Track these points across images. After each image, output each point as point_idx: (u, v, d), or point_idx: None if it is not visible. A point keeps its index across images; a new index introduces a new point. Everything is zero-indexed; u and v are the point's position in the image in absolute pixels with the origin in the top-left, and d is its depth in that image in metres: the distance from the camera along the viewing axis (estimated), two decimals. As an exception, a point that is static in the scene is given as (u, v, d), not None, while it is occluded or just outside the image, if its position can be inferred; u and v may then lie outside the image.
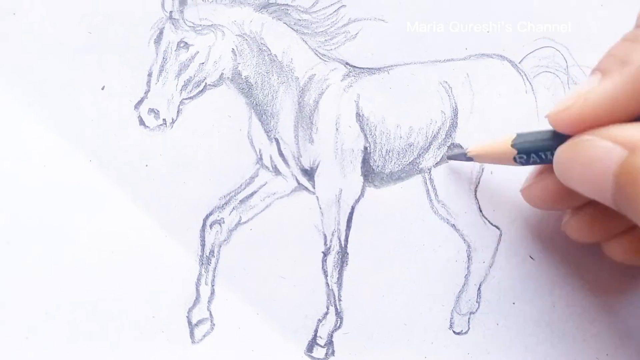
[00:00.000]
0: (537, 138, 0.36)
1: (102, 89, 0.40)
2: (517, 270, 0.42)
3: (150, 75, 0.41)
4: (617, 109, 0.31)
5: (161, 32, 0.41)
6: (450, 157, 0.42)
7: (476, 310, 0.42)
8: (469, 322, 0.42)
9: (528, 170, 0.41)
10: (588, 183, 0.31)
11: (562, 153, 0.33)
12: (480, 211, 0.42)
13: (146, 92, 0.41)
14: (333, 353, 0.40)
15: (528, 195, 0.39)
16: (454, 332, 0.41)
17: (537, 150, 0.36)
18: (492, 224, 0.42)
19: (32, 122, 0.40)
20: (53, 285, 0.39)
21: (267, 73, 0.42)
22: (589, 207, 0.38)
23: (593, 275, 0.42)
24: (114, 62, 0.41)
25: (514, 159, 0.37)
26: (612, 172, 0.30)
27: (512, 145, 0.37)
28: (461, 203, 0.42)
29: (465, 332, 0.41)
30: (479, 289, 0.42)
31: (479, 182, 0.42)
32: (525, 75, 0.43)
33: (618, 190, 0.30)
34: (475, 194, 0.42)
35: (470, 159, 0.40)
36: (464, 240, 0.42)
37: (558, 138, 0.34)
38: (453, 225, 0.42)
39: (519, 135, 0.37)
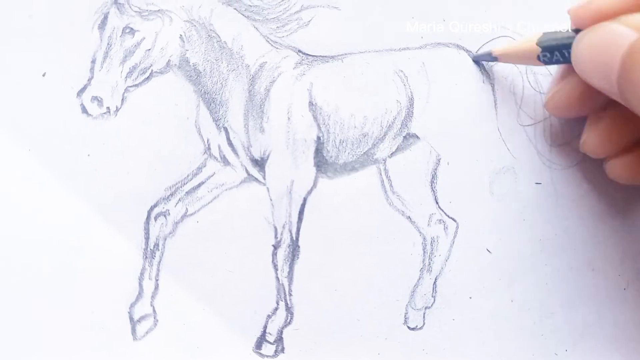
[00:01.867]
0: (561, 36, 0.37)
1: (43, 75, 0.39)
2: (473, 263, 0.41)
3: (93, 61, 0.39)
4: (636, 3, 0.32)
5: (106, 17, 0.39)
6: (475, 58, 0.42)
7: (431, 305, 0.40)
8: (424, 317, 0.40)
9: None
10: (599, 68, 0.33)
11: (579, 39, 0.34)
12: (437, 202, 0.41)
13: (89, 79, 0.39)
14: (283, 350, 0.39)
15: (552, 103, 0.40)
16: (408, 327, 0.40)
17: (561, 48, 0.37)
18: (448, 215, 0.41)
19: (-33, 109, 0.38)
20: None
21: (216, 60, 0.40)
22: (605, 118, 0.39)
23: (551, 269, 0.41)
24: (55, 48, 0.39)
25: (538, 57, 0.37)
26: (620, 54, 0.31)
27: (537, 44, 0.37)
28: (417, 194, 0.41)
29: (420, 328, 0.40)
30: (434, 283, 0.41)
31: (435, 173, 0.41)
32: (483, 65, 0.42)
33: (622, 73, 0.31)
34: (432, 185, 0.41)
35: (495, 58, 0.41)
36: (420, 232, 0.41)
37: None
38: (409, 217, 0.41)
39: (544, 34, 0.37)
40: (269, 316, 0.39)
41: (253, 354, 0.39)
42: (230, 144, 0.40)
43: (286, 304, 0.39)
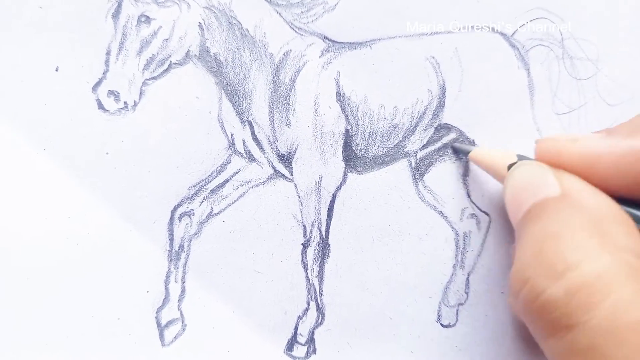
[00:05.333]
0: None
1: (56, 69, 0.37)
2: (506, 258, 0.40)
3: (108, 53, 0.37)
4: (596, 167, 0.30)
5: (120, 5, 0.37)
6: (453, 147, 0.40)
7: (464, 302, 0.39)
8: (457, 314, 0.39)
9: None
10: (516, 201, 0.31)
11: (512, 171, 0.33)
12: (469, 196, 0.40)
13: (105, 72, 0.37)
14: (315, 351, 0.38)
15: None
16: (441, 324, 0.39)
17: None
18: (481, 209, 0.40)
19: (-24, 108, 0.36)
20: (4, 288, 0.35)
21: (238, 49, 0.38)
22: None
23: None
24: (68, 40, 0.37)
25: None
26: (535, 201, 0.30)
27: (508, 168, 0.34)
28: (449, 188, 0.40)
29: (453, 325, 0.39)
30: (467, 279, 0.40)
31: (467, 166, 0.40)
32: (518, 49, 0.40)
33: (523, 218, 0.30)
34: (464, 179, 0.40)
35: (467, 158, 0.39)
36: (452, 228, 0.40)
37: None
38: (440, 213, 0.39)
39: (519, 157, 0.35)
40: (299, 317, 0.38)
41: (284, 356, 0.38)
42: (255, 138, 0.38)
43: (317, 304, 0.38)
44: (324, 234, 0.38)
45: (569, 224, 0.28)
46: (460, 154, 0.39)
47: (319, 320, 0.38)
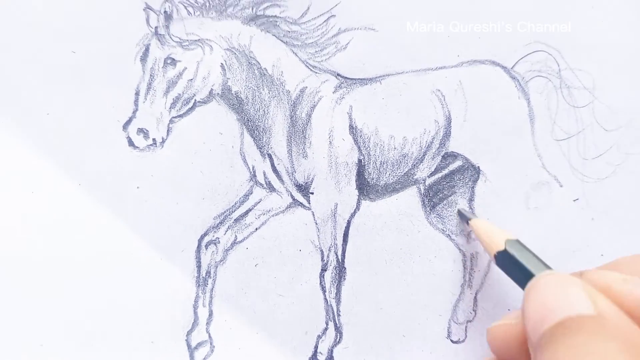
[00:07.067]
0: (525, 258, 0.35)
1: (88, 109, 0.39)
2: (512, 276, 0.42)
3: (137, 93, 0.40)
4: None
5: (147, 49, 0.40)
6: (459, 210, 0.42)
7: (473, 319, 0.42)
8: (466, 330, 0.42)
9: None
10: (544, 309, 0.29)
11: (546, 275, 0.32)
12: (476, 220, 0.42)
13: (134, 112, 0.40)
14: (333, 368, 0.41)
15: (491, 333, 0.35)
16: (451, 341, 0.42)
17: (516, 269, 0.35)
18: (487, 232, 0.42)
19: (17, 148, 0.38)
20: (47, 316, 0.38)
21: (257, 87, 0.41)
22: None
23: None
24: (99, 82, 0.39)
25: (495, 256, 0.37)
26: (569, 314, 0.28)
27: (496, 254, 0.36)
28: (456, 213, 0.42)
29: (463, 341, 0.42)
30: (475, 297, 0.42)
31: (473, 191, 0.42)
32: (518, 80, 0.43)
33: (554, 328, 0.28)
34: (470, 203, 0.42)
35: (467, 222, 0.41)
36: (460, 249, 0.42)
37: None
38: (448, 236, 0.42)
39: (508, 242, 0.36)
40: (319, 336, 0.41)
41: (306, 374, 0.40)
42: (275, 170, 0.41)
43: (335, 324, 0.41)
44: (340, 258, 0.41)
45: (609, 346, 0.27)
46: (462, 219, 0.42)
47: (337, 339, 0.41)
